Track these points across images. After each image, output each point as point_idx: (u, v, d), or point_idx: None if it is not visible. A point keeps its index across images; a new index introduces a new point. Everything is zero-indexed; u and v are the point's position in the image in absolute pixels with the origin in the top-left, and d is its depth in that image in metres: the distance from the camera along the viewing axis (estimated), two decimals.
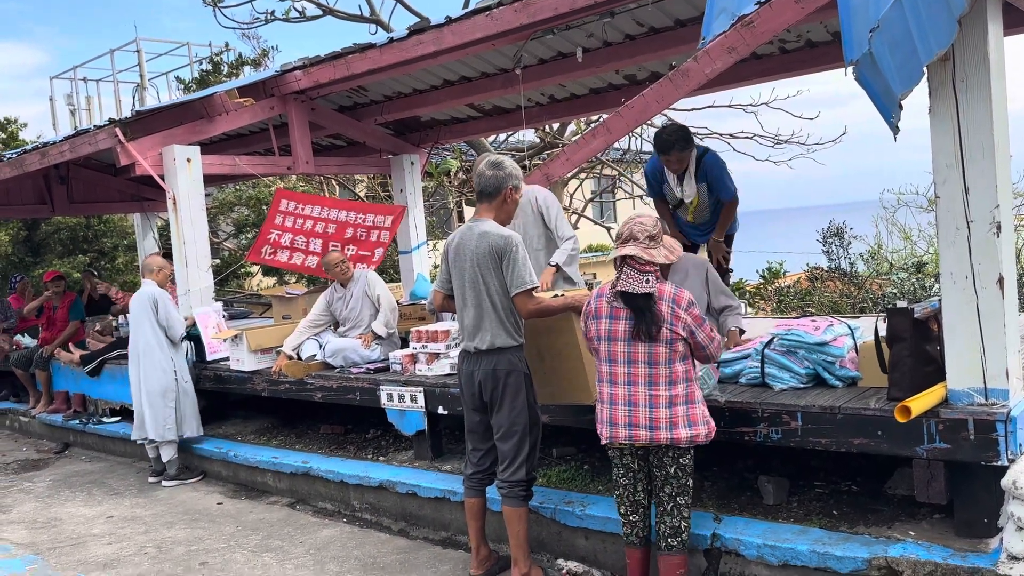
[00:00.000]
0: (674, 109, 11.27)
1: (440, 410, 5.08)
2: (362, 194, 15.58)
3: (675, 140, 5.17)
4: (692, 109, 12.09)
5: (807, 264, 11.88)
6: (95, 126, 7.15)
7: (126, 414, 7.21)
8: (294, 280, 14.61)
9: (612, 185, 16.43)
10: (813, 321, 4.16)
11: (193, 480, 6.22)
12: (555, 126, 12.55)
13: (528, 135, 14.26)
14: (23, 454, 7.76)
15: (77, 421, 7.81)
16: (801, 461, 4.24)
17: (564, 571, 3.93)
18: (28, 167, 7.88)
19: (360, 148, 9.14)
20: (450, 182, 14.40)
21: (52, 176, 10.48)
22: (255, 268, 15.73)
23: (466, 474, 4.01)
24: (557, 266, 5.12)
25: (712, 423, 3.38)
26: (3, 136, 16.16)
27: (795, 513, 3.81)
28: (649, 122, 10.44)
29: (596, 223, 17.44)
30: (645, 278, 3.33)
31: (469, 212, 21.83)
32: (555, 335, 3.90)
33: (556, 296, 4.04)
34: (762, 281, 11.80)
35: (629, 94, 6.12)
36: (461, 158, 13.19)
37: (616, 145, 12.21)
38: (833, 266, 11.10)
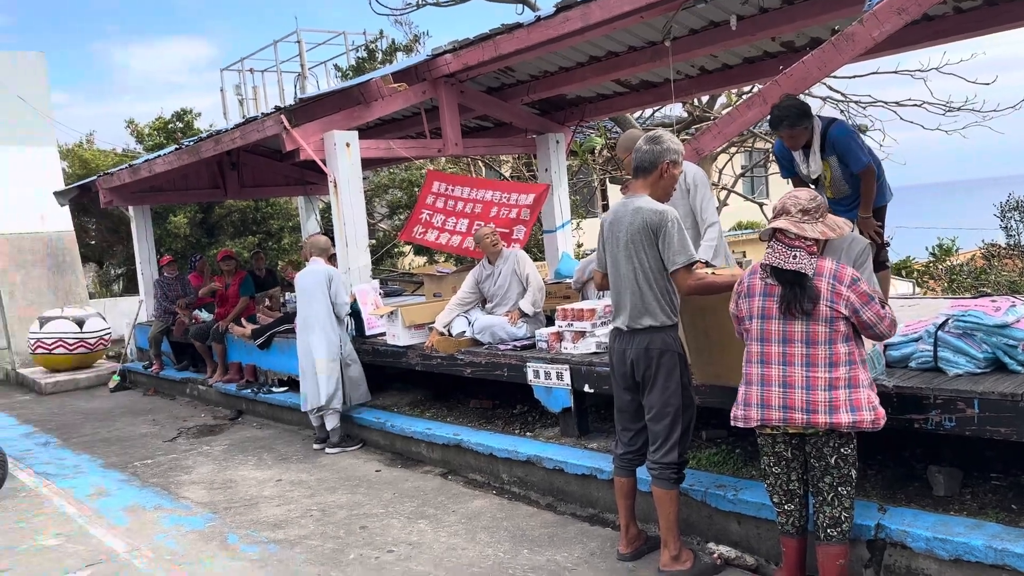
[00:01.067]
0: (835, 77, 10.66)
1: (586, 388, 5.09)
2: (507, 174, 15.78)
3: (784, 116, 4.74)
4: (854, 76, 11.38)
5: (982, 241, 10.97)
6: (262, 114, 7.62)
7: (293, 384, 7.69)
8: (443, 259, 15.06)
9: (765, 159, 15.78)
10: (993, 301, 3.83)
11: (353, 448, 6.56)
12: (704, 99, 12.18)
13: (676, 109, 13.91)
14: (201, 420, 8.45)
15: (249, 390, 8.43)
16: (975, 451, 3.93)
17: (715, 555, 3.86)
18: (204, 154, 8.52)
19: (506, 128, 9.26)
20: (594, 160, 14.32)
21: (224, 162, 11.31)
22: (407, 248, 16.34)
23: (616, 453, 4.00)
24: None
25: (880, 410, 3.16)
26: (180, 125, 17.54)
27: (968, 506, 3.54)
28: (807, 91, 9.93)
29: (747, 199, 16.83)
30: (793, 253, 3.18)
31: (613, 190, 21.66)
32: (724, 313, 3.79)
33: (718, 272, 3.93)
34: (932, 259, 11.01)
35: (786, 62, 5.85)
36: (606, 135, 13.07)
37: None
38: (1012, 243, 10.19)
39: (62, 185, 13.43)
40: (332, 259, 7.23)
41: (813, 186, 5.27)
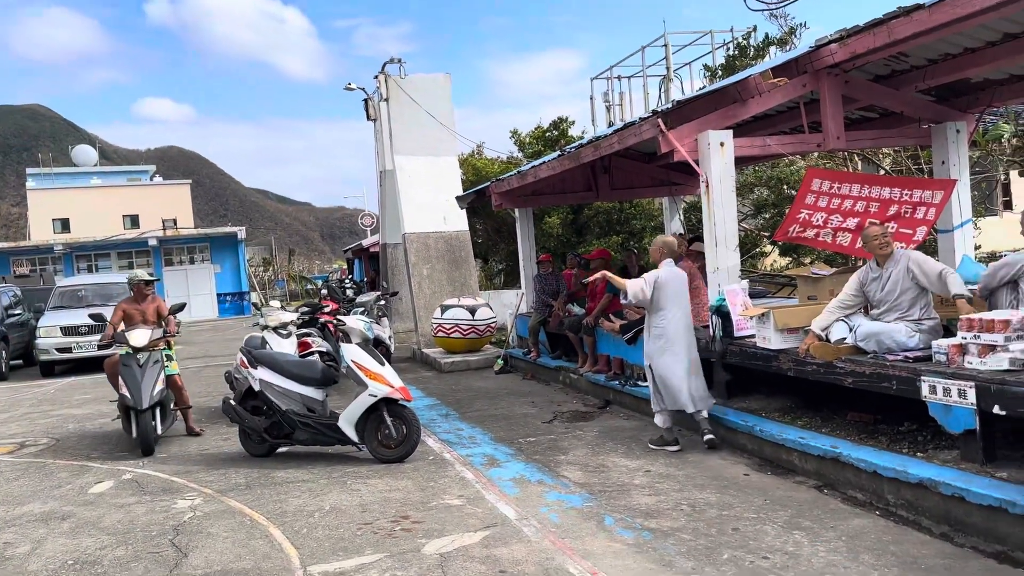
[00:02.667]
0: None
1: (996, 409, 4.49)
2: (888, 168, 14.46)
3: None
4: None
5: None
6: (640, 118, 7.92)
7: None
8: (810, 260, 14.31)
9: None
10: None
11: (673, 449, 6.63)
12: None
13: None
14: (574, 406, 9.06)
15: (616, 382, 8.84)
16: None
17: None
18: (583, 159, 9.09)
19: (894, 119, 8.50)
20: (1000, 150, 12.53)
21: (597, 166, 11.95)
22: (769, 247, 15.81)
23: None
24: None
25: None
26: (556, 133, 18.90)
27: None
28: None
29: None
30: None
31: (1018, 184, 18.71)
32: None
33: None
34: None
35: None
36: (1015, 121, 11.33)
37: None
38: None
39: (460, 191, 15.30)
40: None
41: None
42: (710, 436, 6.56)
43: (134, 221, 43.09)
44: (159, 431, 7.90)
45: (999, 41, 6.63)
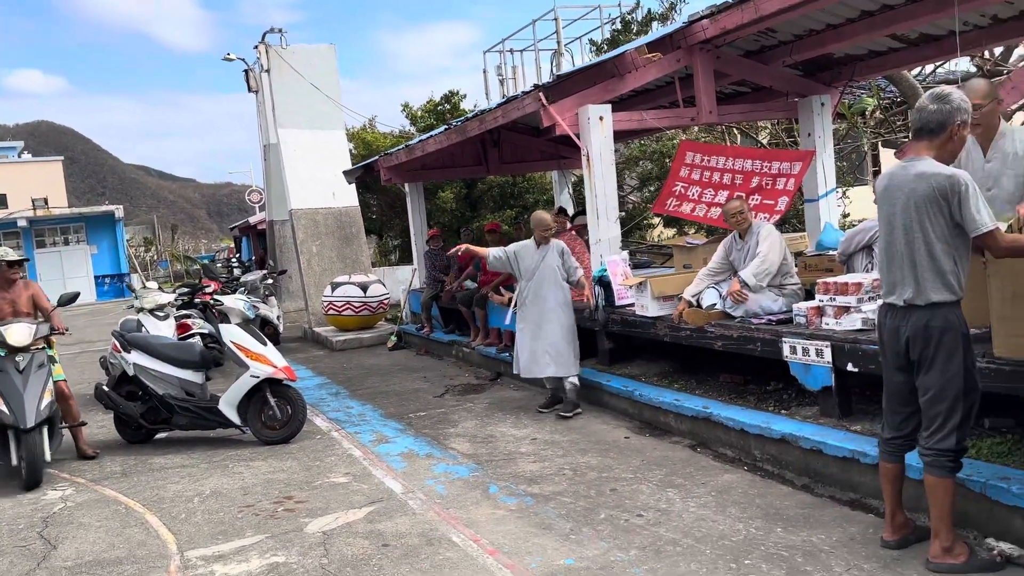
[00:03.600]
0: None
1: (849, 367, 4.81)
2: (765, 141, 15.09)
3: None
4: None
5: None
6: (522, 92, 7.98)
7: None
8: (693, 231, 14.81)
9: None
10: None
11: (573, 413, 6.81)
12: (997, 51, 10.76)
13: (962, 64, 12.42)
14: (465, 379, 9.13)
15: (507, 354, 8.94)
16: None
17: (995, 551, 3.51)
18: (469, 133, 9.10)
19: (765, 93, 8.87)
20: (864, 123, 13.25)
21: (487, 140, 11.99)
22: (656, 219, 16.27)
23: (884, 437, 3.75)
24: None
25: None
26: (448, 107, 18.78)
27: None
28: None
29: None
30: None
31: (885, 155, 19.87)
32: None
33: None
34: None
35: None
36: (879, 95, 12.01)
37: None
38: None
39: (349, 165, 15.03)
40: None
41: None
42: (564, 414, 6.79)
43: (1, 201, 40.27)
44: (48, 456, 6.02)
45: (857, 18, 7.00)
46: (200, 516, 5.06)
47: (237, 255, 24.01)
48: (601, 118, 7.22)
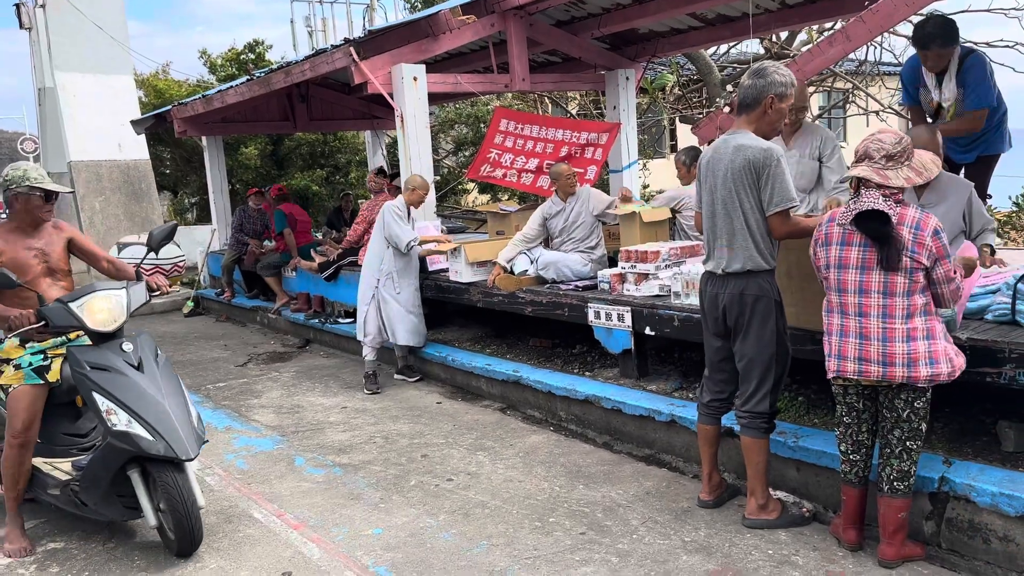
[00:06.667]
0: (921, 14, 10.08)
1: (647, 331, 5.07)
2: (574, 112, 15.53)
3: (937, 34, 4.48)
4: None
5: None
6: (332, 46, 7.62)
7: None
8: (506, 197, 15.03)
9: (844, 100, 15.15)
10: None
11: (413, 380, 6.73)
12: (783, 35, 11.70)
13: (753, 46, 13.42)
14: (271, 347, 8.74)
15: (316, 320, 8.66)
16: None
17: (804, 509, 3.76)
18: (274, 85, 8.58)
19: (575, 64, 9.08)
20: (664, 98, 13.97)
21: (294, 95, 11.41)
22: (471, 185, 16.35)
23: (702, 401, 3.92)
24: None
25: (958, 361, 3.11)
26: (252, 57, 17.67)
27: None
28: (892, 30, 9.43)
29: None
30: (883, 202, 3.07)
31: (683, 130, 21.14)
32: (806, 253, 3.68)
33: (810, 215, 3.80)
34: (1015, 209, 10.51)
35: None
36: (678, 72, 12.70)
37: (851, 56, 11.18)
38: None
39: (139, 115, 13.77)
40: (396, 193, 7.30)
41: (931, 119, 4.96)
42: (399, 374, 6.82)
43: None
44: (202, 500, 3.78)
45: None
46: None
47: (6, 211, 21.39)
48: (415, 79, 7.06)
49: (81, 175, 13.69)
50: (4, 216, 4.47)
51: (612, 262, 6.20)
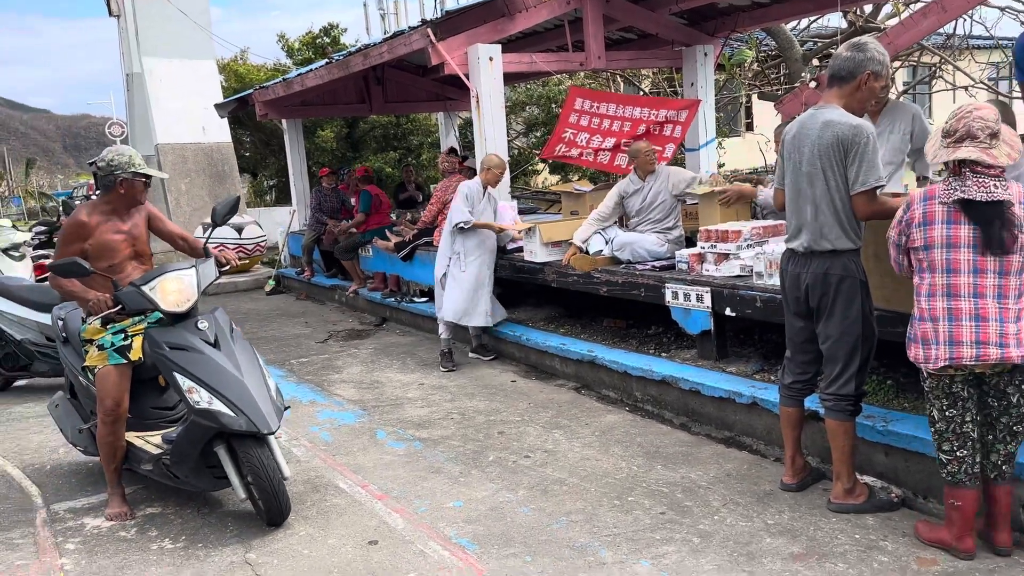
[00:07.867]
0: None
1: (727, 311, 5.00)
2: (647, 90, 15.32)
3: None
4: None
5: None
6: (409, 27, 7.70)
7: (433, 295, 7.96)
8: (577, 177, 14.96)
9: (931, 75, 14.51)
10: None
11: (487, 358, 6.80)
12: (867, 8, 11.28)
13: (834, 20, 12.98)
14: (349, 325, 8.95)
15: (393, 299, 8.82)
16: None
17: (893, 494, 3.67)
18: (352, 68, 8.73)
19: (651, 41, 8.95)
20: (742, 74, 13.65)
21: (370, 78, 11.57)
22: (540, 165, 16.31)
23: (784, 383, 3.85)
24: None
25: None
26: (328, 40, 17.97)
27: None
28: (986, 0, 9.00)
29: None
30: (994, 183, 2.94)
31: (759, 107, 20.62)
32: None
33: (897, 195, 3.68)
34: None
35: None
36: (757, 48, 12.37)
37: (940, 29, 10.72)
38: None
39: (221, 99, 14.18)
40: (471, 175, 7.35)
41: None
42: (473, 353, 6.90)
43: None
44: (286, 471, 3.91)
45: None
46: (67, 467, 4.77)
47: (96, 192, 22.39)
48: (491, 58, 7.08)
49: (167, 157, 14.21)
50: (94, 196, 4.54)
51: (689, 242, 6.13)
